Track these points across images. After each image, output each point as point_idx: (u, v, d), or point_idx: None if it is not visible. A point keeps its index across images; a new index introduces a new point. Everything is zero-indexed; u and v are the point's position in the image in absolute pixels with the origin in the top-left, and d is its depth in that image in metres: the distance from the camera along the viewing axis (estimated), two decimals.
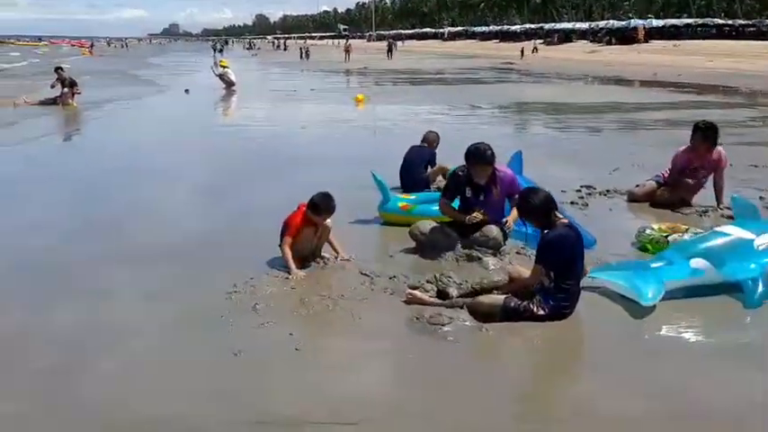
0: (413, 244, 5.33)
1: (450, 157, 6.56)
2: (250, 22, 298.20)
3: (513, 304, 3.98)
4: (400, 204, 6.16)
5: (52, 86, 16.91)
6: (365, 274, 4.73)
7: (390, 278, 4.65)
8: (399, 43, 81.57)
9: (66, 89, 16.72)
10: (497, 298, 4.07)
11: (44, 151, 10.86)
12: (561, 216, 4.14)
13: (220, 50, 70.12)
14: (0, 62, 39.99)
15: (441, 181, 7.48)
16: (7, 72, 31.02)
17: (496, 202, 5.28)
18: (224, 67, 22.89)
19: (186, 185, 7.98)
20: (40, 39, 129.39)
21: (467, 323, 3.93)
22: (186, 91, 20.95)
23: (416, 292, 4.27)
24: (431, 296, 4.27)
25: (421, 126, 9.74)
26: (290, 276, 4.66)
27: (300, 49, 49.33)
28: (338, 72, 34.45)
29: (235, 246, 5.49)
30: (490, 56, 55.66)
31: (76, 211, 6.97)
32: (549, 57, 50.65)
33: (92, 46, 74.18)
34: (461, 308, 4.06)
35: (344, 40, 61.05)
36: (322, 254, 5.07)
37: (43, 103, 16.73)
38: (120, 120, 15.03)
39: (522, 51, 52.51)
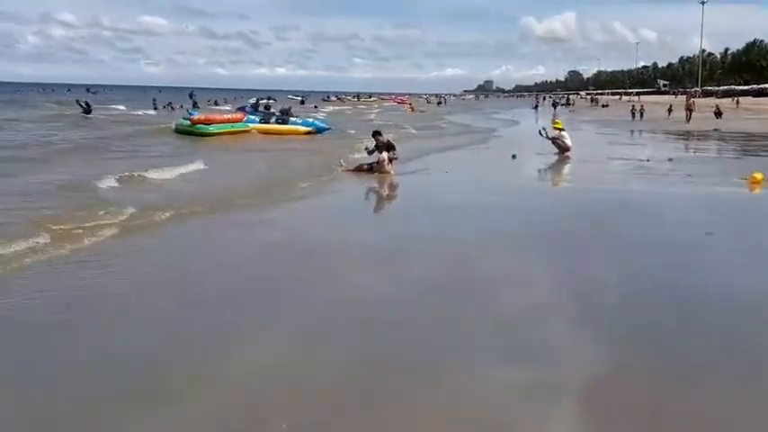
0: None
1: None
2: (562, 78, 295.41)
3: None
4: None
5: (369, 152, 15.08)
6: None
7: None
8: (728, 100, 71.16)
9: (383, 155, 14.75)
10: None
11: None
12: None
13: (535, 107, 68.28)
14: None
15: None
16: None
17: None
18: (558, 129, 19.44)
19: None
20: (369, 95, 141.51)
21: None
22: (513, 156, 17.95)
23: None
24: None
25: None
26: None
27: (633, 106, 43.86)
28: (683, 135, 28.94)
29: None
30: None
31: None
32: None
33: (410, 104, 77.10)
34: None
35: (684, 97, 54.24)
36: None
37: (359, 169, 14.96)
38: (446, 194, 12.23)
39: None
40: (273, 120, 27.45)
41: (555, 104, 66.29)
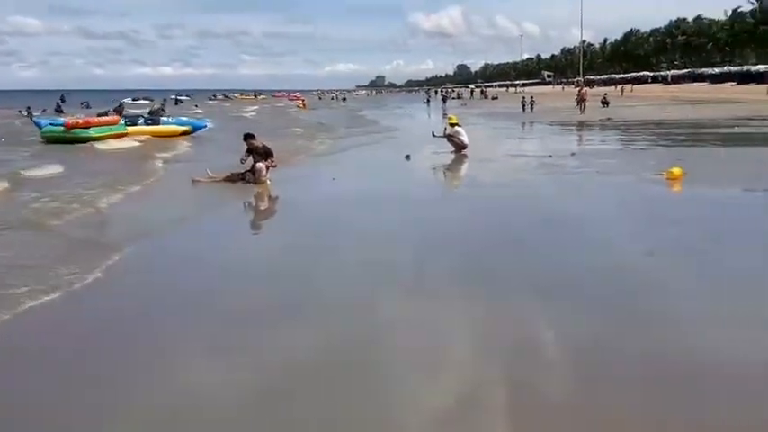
0: None
1: None
2: (451, 72, 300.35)
3: None
4: None
5: (242, 161, 12.70)
6: None
7: None
8: (610, 88, 73.17)
9: (260, 165, 12.43)
10: None
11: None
12: None
13: (426, 101, 67.25)
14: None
15: None
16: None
17: None
18: (453, 124, 17.74)
19: None
20: (261, 92, 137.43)
21: None
22: (407, 157, 16.11)
23: None
24: None
25: None
26: None
27: (523, 98, 43.11)
28: (578, 126, 28.21)
29: None
30: (743, 100, 46.30)
31: None
32: None
33: (303, 101, 74.62)
34: None
35: (576, 88, 54.82)
36: None
37: (229, 179, 12.58)
38: (329, 211, 10.03)
39: None
40: (141, 121, 24.68)
41: (444, 99, 65.23)
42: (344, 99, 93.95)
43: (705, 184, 11.21)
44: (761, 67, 76.87)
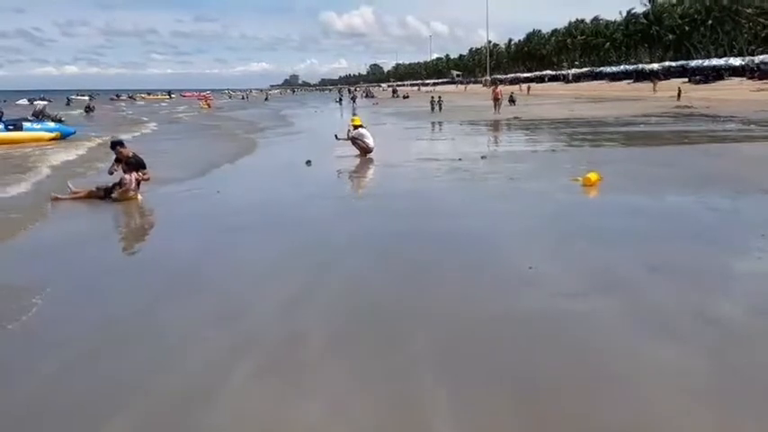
0: None
1: None
2: (364, 71, 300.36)
3: None
4: None
5: (110, 172, 11.03)
6: None
7: None
8: (517, 87, 74.87)
9: (128, 176, 10.80)
10: None
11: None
12: None
13: (338, 101, 65.37)
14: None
15: None
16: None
17: None
18: (357, 126, 16.54)
19: None
20: (171, 92, 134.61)
21: None
22: (308, 162, 14.78)
23: None
24: None
25: None
26: None
27: (432, 98, 41.35)
28: (486, 126, 27.58)
29: None
30: (640, 98, 48.15)
31: None
32: (709, 97, 42.52)
33: (208, 101, 71.35)
34: None
35: (488, 87, 54.82)
36: None
37: (94, 195, 10.90)
38: (207, 240, 8.51)
39: (679, 92, 45.15)
40: (1, 127, 22.45)
41: (354, 98, 63.29)
42: (267, 98, 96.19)
43: (623, 190, 10.41)
44: (654, 66, 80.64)
